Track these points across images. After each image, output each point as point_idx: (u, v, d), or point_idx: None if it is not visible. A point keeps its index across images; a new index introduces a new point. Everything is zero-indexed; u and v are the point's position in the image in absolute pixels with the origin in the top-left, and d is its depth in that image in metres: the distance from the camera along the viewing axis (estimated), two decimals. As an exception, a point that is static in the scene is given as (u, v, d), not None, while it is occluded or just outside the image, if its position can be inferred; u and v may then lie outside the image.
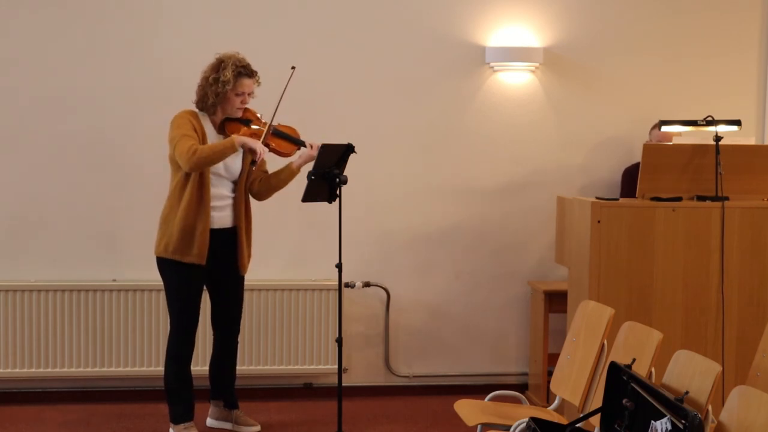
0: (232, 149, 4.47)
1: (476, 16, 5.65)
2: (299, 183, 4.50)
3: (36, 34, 5.36)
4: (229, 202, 4.69)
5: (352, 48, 5.60)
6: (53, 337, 5.33)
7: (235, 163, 4.67)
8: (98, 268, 5.45)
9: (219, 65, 4.58)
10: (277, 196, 5.31)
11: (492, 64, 5.67)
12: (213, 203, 4.59)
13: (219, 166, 4.59)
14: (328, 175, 4.50)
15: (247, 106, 4.68)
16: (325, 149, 4.50)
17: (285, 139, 4.70)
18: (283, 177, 4.76)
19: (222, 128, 4.66)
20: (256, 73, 4.65)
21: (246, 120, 4.67)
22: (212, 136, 4.64)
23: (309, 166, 4.59)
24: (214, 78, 4.55)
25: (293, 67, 4.58)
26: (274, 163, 4.80)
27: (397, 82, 5.65)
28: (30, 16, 5.35)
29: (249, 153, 4.57)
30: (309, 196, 4.54)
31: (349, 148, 4.57)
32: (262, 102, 4.71)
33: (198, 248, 4.57)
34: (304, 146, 4.71)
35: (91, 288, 5.36)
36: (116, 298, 5.37)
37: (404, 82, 5.65)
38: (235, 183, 4.70)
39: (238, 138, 4.48)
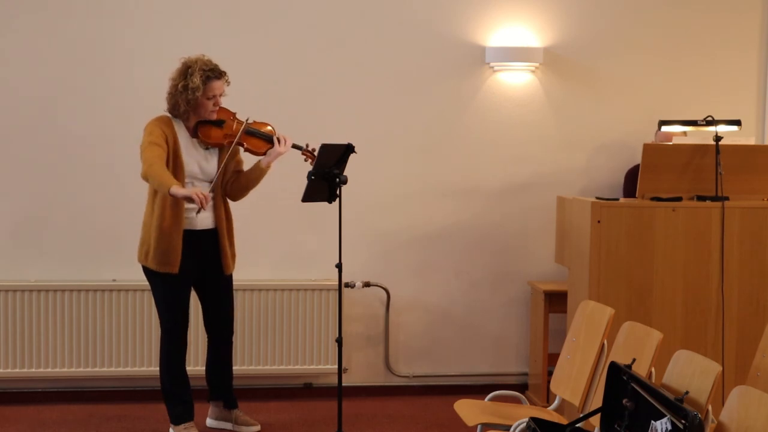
0: (166, 191, 4.32)
1: (476, 16, 5.65)
2: (300, 183, 4.49)
3: (36, 33, 5.36)
4: (209, 203, 4.67)
5: (351, 48, 5.59)
6: (53, 337, 5.33)
7: (210, 164, 4.65)
8: (98, 268, 5.45)
9: (186, 71, 4.52)
10: (276, 196, 5.32)
11: (492, 64, 5.67)
12: (192, 204, 4.51)
13: (194, 168, 4.58)
14: (328, 175, 4.49)
15: (221, 105, 4.65)
16: (325, 149, 4.49)
17: (258, 137, 4.69)
18: (254, 176, 4.73)
19: (196, 132, 4.63)
20: (224, 73, 4.59)
21: (219, 121, 4.64)
22: (186, 142, 4.60)
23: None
24: (183, 85, 4.49)
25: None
26: (250, 163, 4.78)
27: (397, 82, 5.64)
28: (28, 16, 5.35)
29: (185, 199, 4.40)
30: (309, 196, 4.53)
31: (349, 148, 4.56)
32: (261, 101, 4.70)
33: (174, 256, 4.55)
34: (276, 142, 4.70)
35: (91, 288, 5.36)
36: (116, 298, 5.37)
37: (404, 82, 5.65)
38: (212, 183, 4.67)
39: (174, 190, 4.28)
